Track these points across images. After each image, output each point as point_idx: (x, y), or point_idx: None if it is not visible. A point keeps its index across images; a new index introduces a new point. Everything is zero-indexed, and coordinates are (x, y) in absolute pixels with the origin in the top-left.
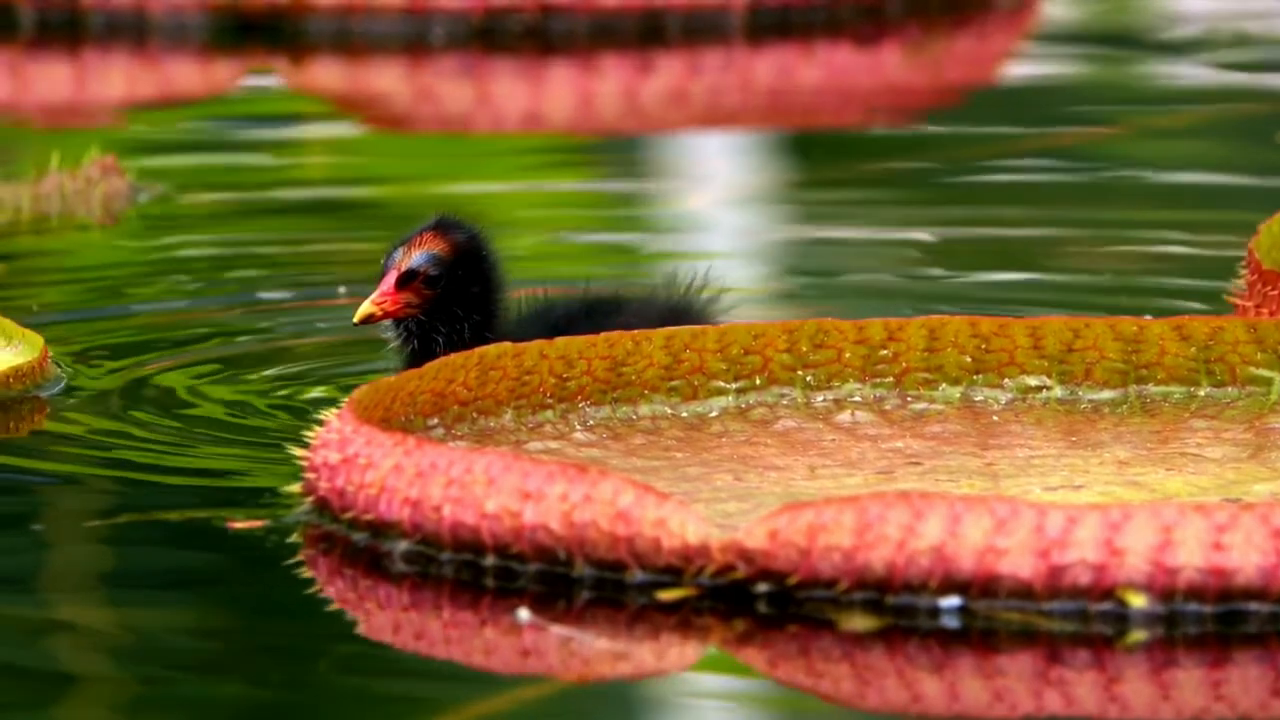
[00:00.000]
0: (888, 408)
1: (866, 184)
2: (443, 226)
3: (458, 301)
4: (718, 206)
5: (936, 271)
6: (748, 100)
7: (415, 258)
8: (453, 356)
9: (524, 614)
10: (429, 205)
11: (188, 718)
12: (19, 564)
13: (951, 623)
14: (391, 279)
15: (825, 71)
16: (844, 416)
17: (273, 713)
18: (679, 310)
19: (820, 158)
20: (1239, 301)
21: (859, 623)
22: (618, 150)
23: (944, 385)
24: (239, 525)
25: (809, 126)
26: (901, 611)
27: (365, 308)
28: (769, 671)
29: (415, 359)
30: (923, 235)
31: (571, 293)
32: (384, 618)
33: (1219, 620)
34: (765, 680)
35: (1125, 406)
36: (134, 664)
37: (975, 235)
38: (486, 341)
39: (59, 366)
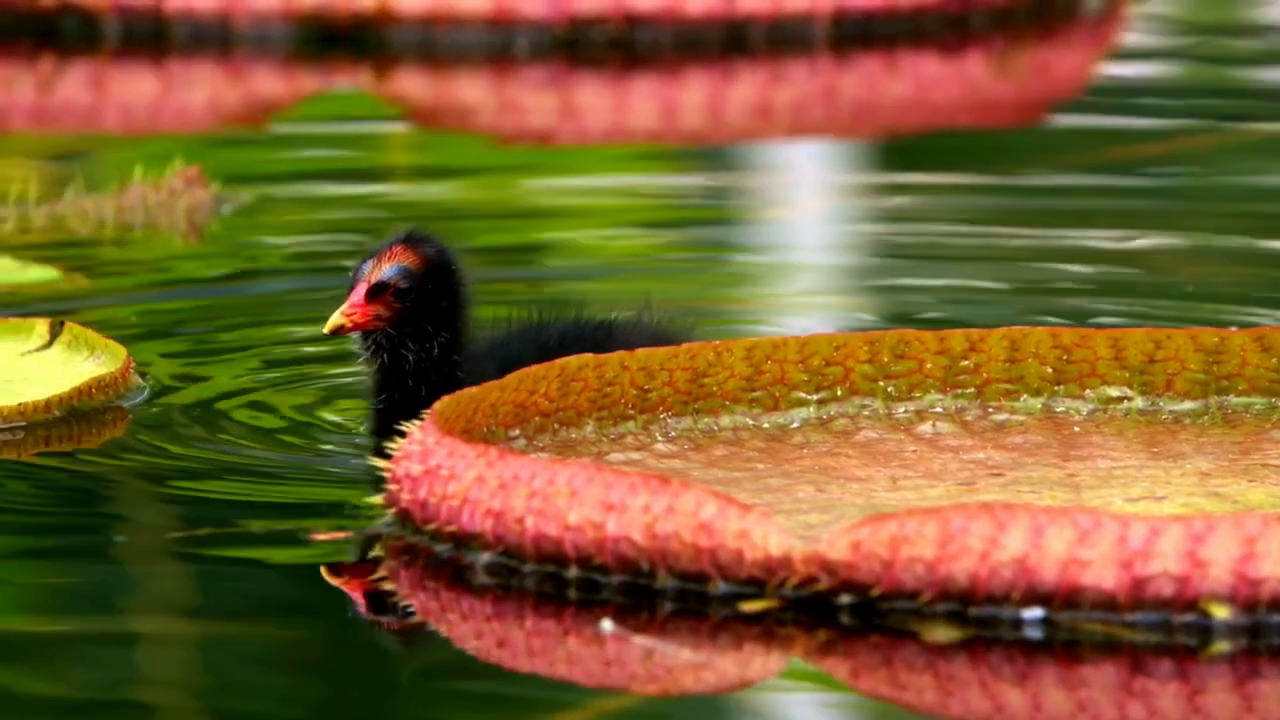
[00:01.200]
0: (969, 419)
1: (949, 193)
2: (412, 240)
3: (427, 316)
4: (801, 216)
5: (1018, 281)
6: (831, 110)
7: (385, 270)
8: (535, 368)
9: (607, 625)
10: (514, 215)
11: None
12: (102, 574)
13: (1034, 634)
14: (361, 290)
15: (909, 82)
16: (925, 427)
17: None
18: (660, 336)
19: (903, 167)
20: None
21: (941, 634)
22: (701, 161)
23: (1025, 396)
24: (322, 537)
25: (892, 136)
26: (984, 623)
27: (335, 319)
28: (851, 683)
29: (385, 373)
30: (1004, 245)
31: (563, 316)
32: (466, 629)
33: None
34: (848, 692)
35: (1206, 418)
36: (216, 675)
37: (1057, 244)
38: (455, 358)
39: (141, 377)
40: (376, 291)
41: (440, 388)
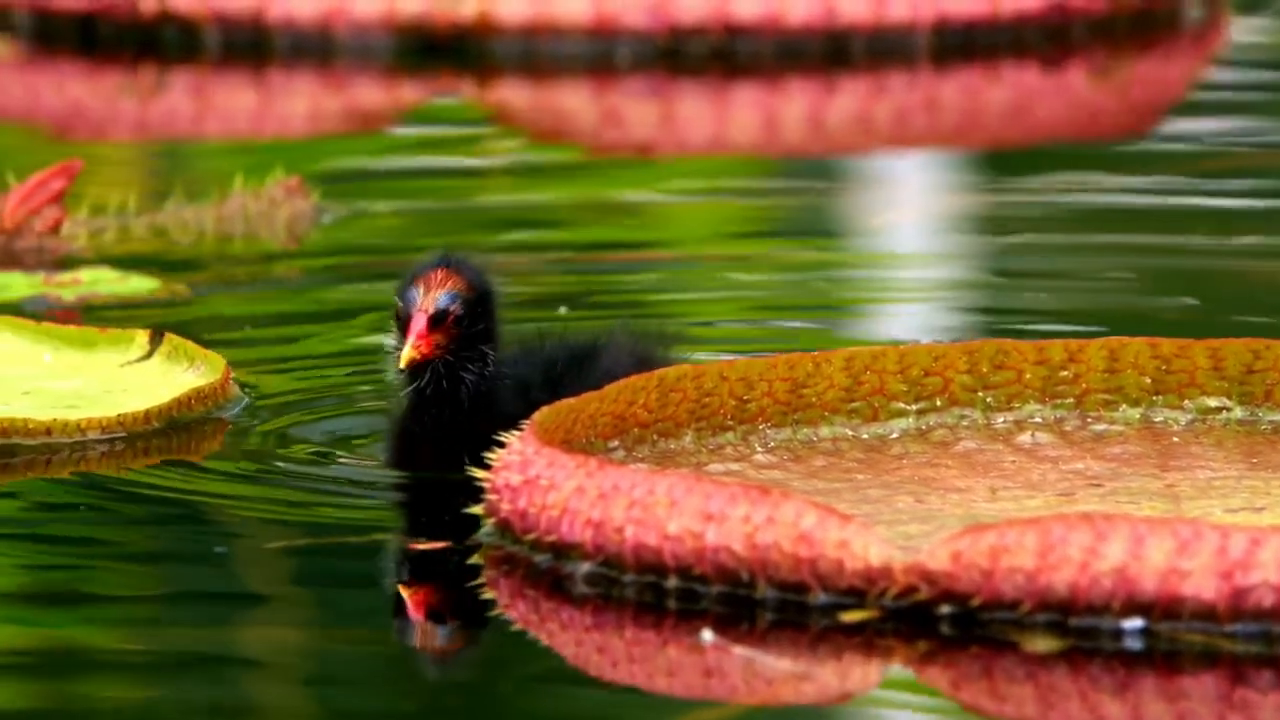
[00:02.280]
0: (1068, 429)
1: (1048, 204)
2: (453, 264)
3: (481, 339)
4: (901, 227)
5: (1118, 292)
6: (932, 121)
7: (441, 298)
8: (633, 379)
9: (707, 635)
10: (612, 225)
11: None
12: (203, 586)
13: (1134, 644)
14: (423, 320)
15: (1010, 92)
16: (1024, 438)
17: None
18: (641, 355)
19: (1004, 178)
20: None
21: (1041, 644)
22: (803, 172)
23: (1124, 406)
24: (421, 547)
25: (993, 147)
26: (1084, 633)
27: (409, 353)
28: (952, 693)
29: (435, 401)
30: (1103, 255)
31: (554, 337)
32: (566, 639)
33: None
34: (948, 702)
35: None
36: (316, 684)
37: (1157, 254)
38: (493, 378)
39: (241, 388)
40: (437, 320)
41: (482, 408)
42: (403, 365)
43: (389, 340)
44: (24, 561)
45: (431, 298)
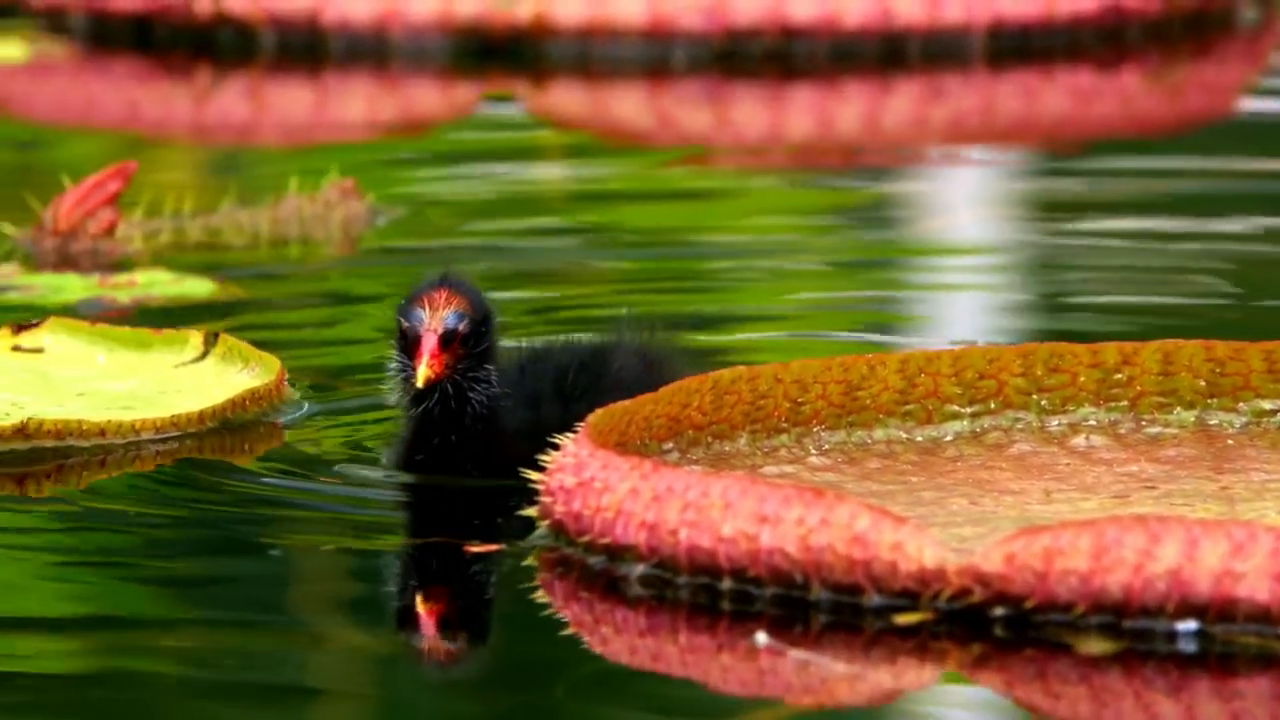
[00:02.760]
0: (1122, 431)
1: (1105, 207)
2: (452, 284)
3: (484, 358)
4: (959, 229)
5: (1172, 294)
6: (987, 123)
7: (448, 318)
8: (688, 381)
9: (761, 638)
10: (666, 230)
11: None
12: (258, 588)
13: (1188, 647)
14: (434, 340)
15: (1065, 94)
16: (1079, 440)
17: None
18: (647, 355)
19: (1059, 180)
20: None
21: (1095, 646)
22: (858, 174)
23: (1179, 409)
24: (476, 549)
25: (1048, 149)
26: (1138, 635)
27: (425, 372)
28: (1005, 695)
29: (442, 422)
30: (1158, 258)
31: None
32: (620, 641)
33: None
34: (1002, 704)
35: None
36: (373, 686)
37: (1212, 255)
38: (495, 396)
39: (296, 389)
40: (446, 340)
41: (487, 426)
42: (420, 385)
43: (393, 362)
44: (76, 562)
45: (439, 317)
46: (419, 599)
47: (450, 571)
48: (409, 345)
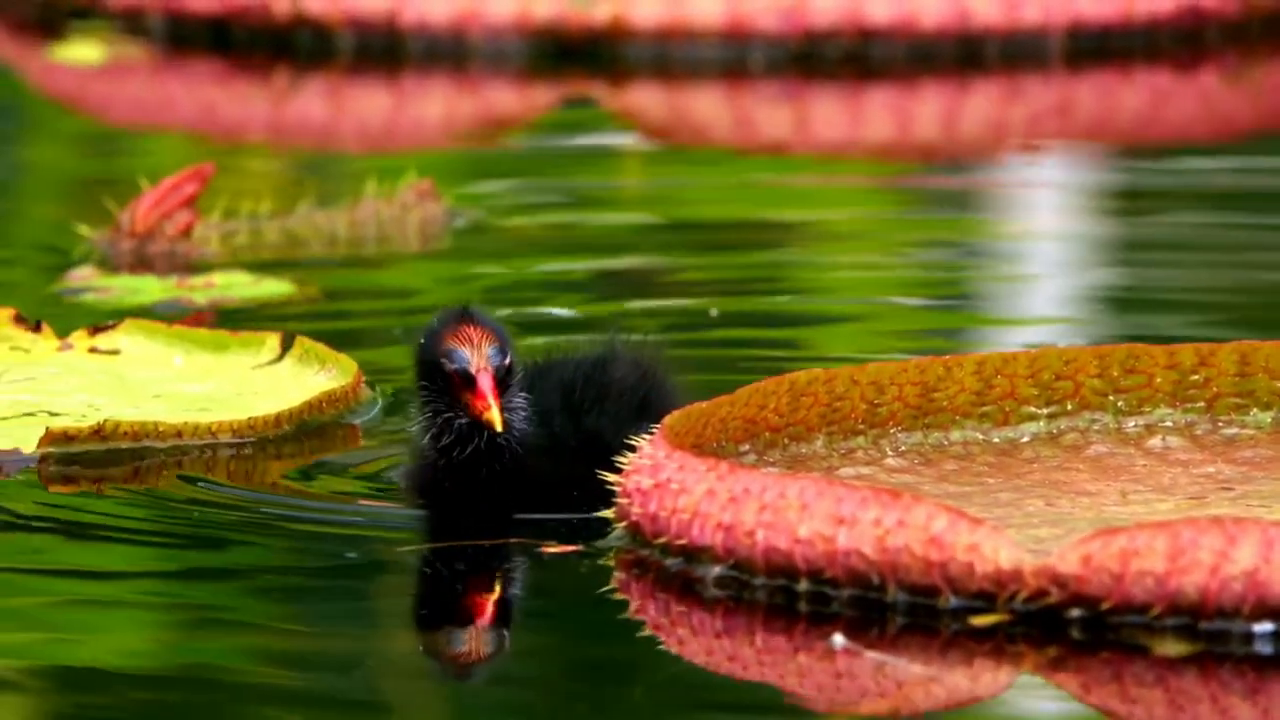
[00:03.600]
0: (1199, 432)
1: (1182, 207)
2: (477, 319)
3: (513, 390)
4: (1034, 230)
5: (1251, 295)
6: (1066, 124)
7: (492, 354)
8: (765, 383)
9: (838, 640)
10: (747, 229)
11: None
12: (334, 591)
13: (1264, 648)
14: (489, 380)
15: (1143, 95)
16: (1155, 441)
17: None
18: (645, 366)
19: (1138, 180)
20: None
21: (1172, 648)
22: (936, 174)
23: (1255, 410)
24: (553, 550)
25: (1126, 150)
26: (1214, 637)
27: (498, 414)
28: (1082, 697)
29: (487, 455)
30: (1235, 258)
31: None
32: (697, 643)
33: None
34: (1078, 706)
35: None
36: (449, 686)
37: None
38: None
39: (373, 391)
40: (497, 377)
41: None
42: (500, 428)
43: (427, 403)
44: (154, 566)
45: (483, 354)
46: (496, 600)
47: (527, 573)
48: (454, 386)
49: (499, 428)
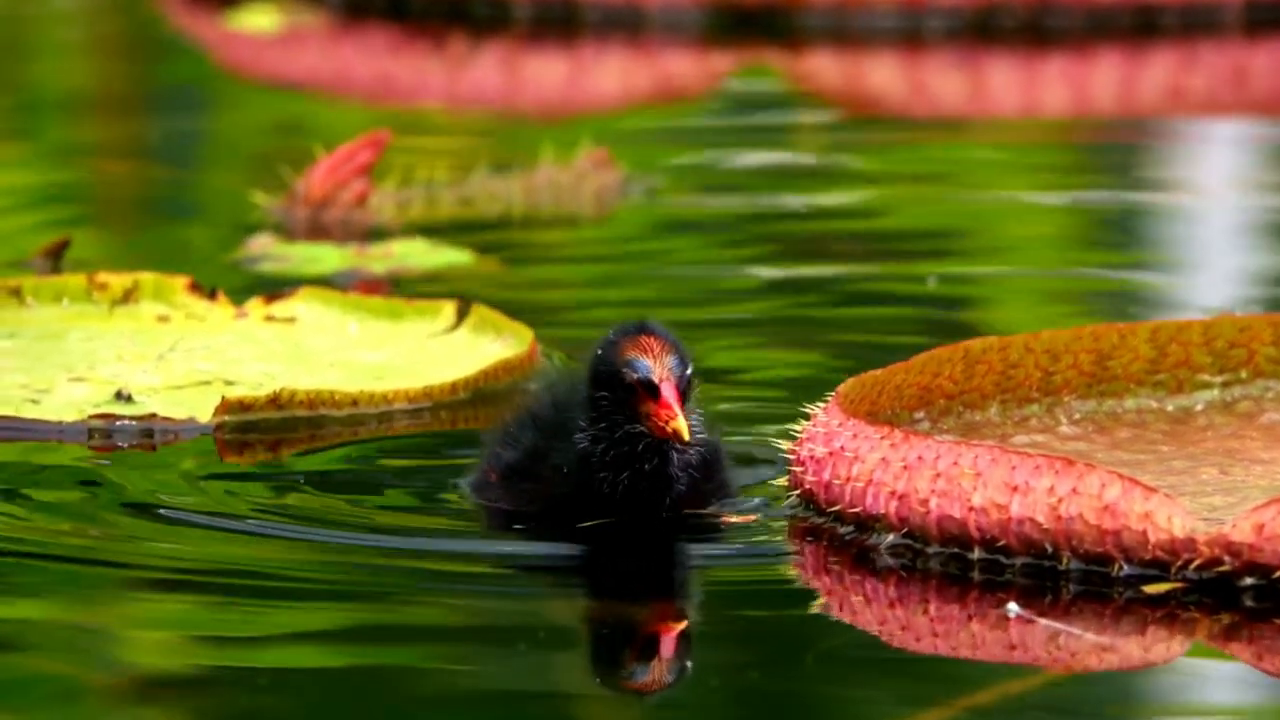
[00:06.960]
0: None
1: None
2: (656, 331)
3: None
4: (1212, 198)
5: None
6: (1243, 92)
7: (674, 366)
8: (939, 350)
9: (1013, 607)
10: (922, 201)
11: (666, 701)
12: (508, 562)
13: None
14: (673, 390)
15: None
16: None
17: (760, 701)
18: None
19: None
20: None
21: None
22: (1113, 144)
23: None
24: (730, 519)
25: None
26: None
27: (684, 423)
28: (1255, 664)
29: (654, 470)
30: None
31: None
32: (870, 612)
33: None
34: (1252, 673)
35: None
36: (625, 653)
37: None
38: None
39: (548, 359)
40: (679, 387)
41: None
42: (686, 438)
43: (604, 414)
44: (327, 533)
45: (666, 365)
46: (670, 569)
47: (702, 541)
48: (635, 396)
49: (686, 437)
